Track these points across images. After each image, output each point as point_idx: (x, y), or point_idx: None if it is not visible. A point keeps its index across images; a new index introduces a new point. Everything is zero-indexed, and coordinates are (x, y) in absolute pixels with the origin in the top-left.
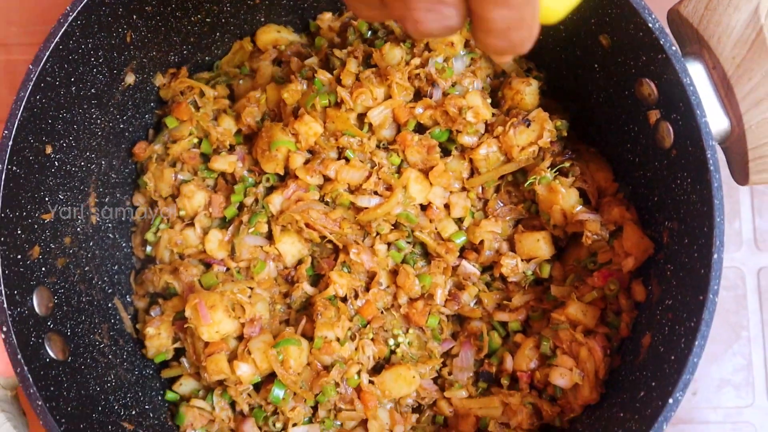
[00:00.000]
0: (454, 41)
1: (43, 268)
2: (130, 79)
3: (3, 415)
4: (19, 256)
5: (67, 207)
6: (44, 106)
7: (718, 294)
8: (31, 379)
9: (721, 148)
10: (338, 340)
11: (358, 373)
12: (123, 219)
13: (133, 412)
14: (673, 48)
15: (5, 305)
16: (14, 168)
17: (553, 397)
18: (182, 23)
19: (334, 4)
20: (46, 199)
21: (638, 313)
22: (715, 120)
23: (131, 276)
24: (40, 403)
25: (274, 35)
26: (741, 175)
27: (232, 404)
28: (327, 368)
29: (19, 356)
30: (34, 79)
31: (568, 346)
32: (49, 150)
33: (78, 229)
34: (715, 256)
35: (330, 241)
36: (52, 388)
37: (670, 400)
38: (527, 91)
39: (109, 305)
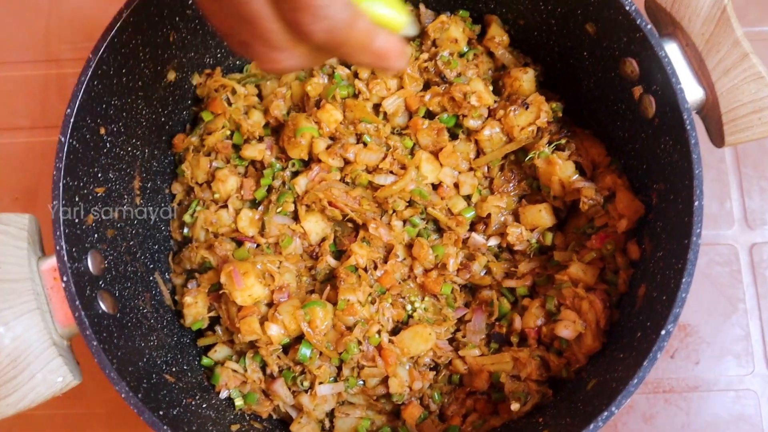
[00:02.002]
0: (458, 38)
1: (96, 235)
2: (171, 76)
3: (60, 359)
4: (77, 220)
5: (116, 185)
6: (100, 92)
7: (700, 237)
8: (87, 323)
9: (699, 116)
10: (360, 303)
11: (379, 332)
12: (162, 205)
13: (174, 369)
14: (649, 27)
15: (66, 258)
16: (74, 142)
17: (559, 350)
18: None
19: None
20: (99, 175)
21: (634, 270)
22: (690, 90)
23: (169, 256)
24: (95, 343)
25: None
26: (718, 138)
27: (263, 368)
28: (350, 329)
29: (77, 302)
30: (93, 66)
31: (571, 301)
32: (102, 131)
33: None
34: (696, 203)
35: (350, 221)
36: (104, 334)
37: (663, 332)
38: (525, 78)
39: (151, 278)
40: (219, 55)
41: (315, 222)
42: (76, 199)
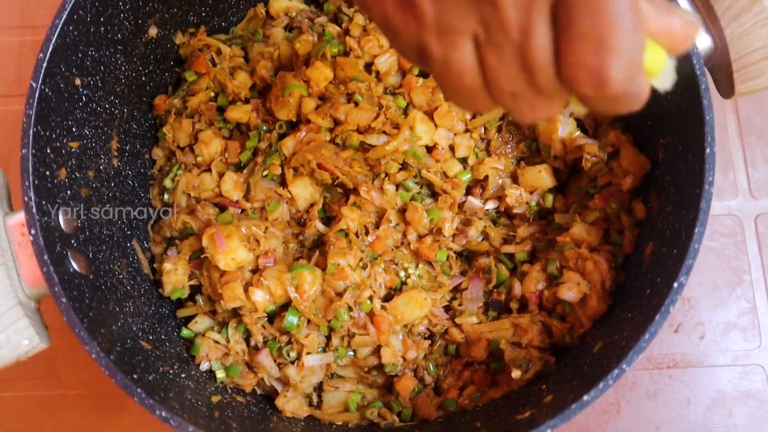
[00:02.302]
0: None
1: (69, 191)
2: (152, 31)
3: (27, 320)
4: (48, 173)
5: (92, 143)
6: (75, 39)
7: (713, 185)
8: (56, 278)
9: (707, 67)
10: (350, 267)
11: (370, 298)
12: (142, 171)
13: (151, 337)
14: None
15: (34, 211)
16: (47, 89)
17: (562, 315)
18: None
19: None
20: (74, 129)
21: (640, 230)
22: (698, 39)
23: (148, 224)
24: (64, 300)
25: (286, 3)
26: (727, 87)
27: (247, 339)
28: (340, 294)
29: (45, 257)
30: (68, 9)
31: (574, 263)
32: (78, 82)
33: (101, 167)
34: (708, 150)
35: (340, 185)
36: (75, 293)
37: (675, 284)
38: None
39: (128, 245)
40: (203, 14)
41: (303, 186)
42: (48, 150)
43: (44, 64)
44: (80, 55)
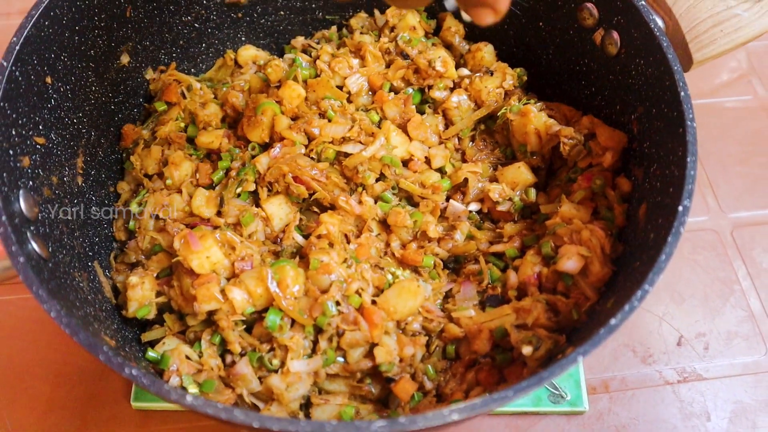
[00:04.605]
0: (415, 26)
1: (31, 182)
2: (125, 59)
3: None
4: (11, 152)
5: (58, 150)
6: (50, 35)
7: (694, 122)
8: (14, 238)
9: None
10: (335, 262)
11: (359, 292)
12: (105, 202)
13: (118, 339)
14: None
15: None
16: (17, 73)
17: (564, 293)
18: (174, 20)
19: (306, 29)
20: (40, 127)
21: (628, 204)
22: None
23: (111, 255)
24: (21, 260)
25: (254, 52)
26: (685, 59)
27: (222, 356)
28: (325, 292)
29: (3, 217)
30: (45, 3)
31: (569, 238)
32: (48, 80)
33: (65, 178)
34: (683, 94)
35: (317, 204)
36: (33, 262)
37: (680, 208)
38: (486, 50)
39: (89, 264)
40: (174, 54)
41: (278, 205)
42: (13, 132)
43: (17, 47)
44: (53, 55)
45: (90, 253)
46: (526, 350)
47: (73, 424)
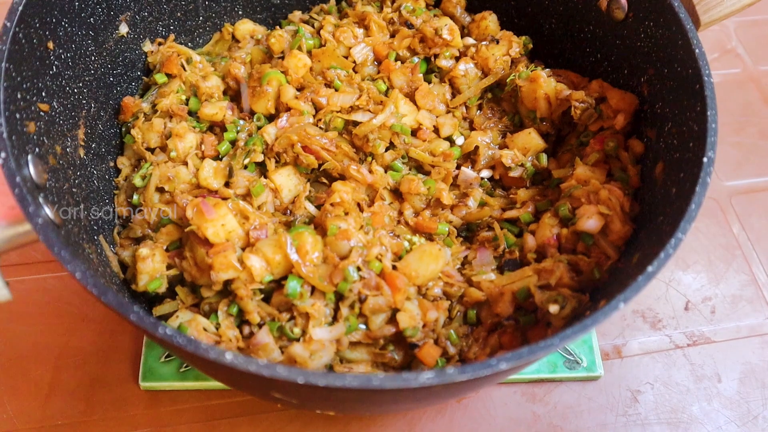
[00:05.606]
0: None
1: (37, 149)
2: (123, 29)
3: None
4: (17, 115)
5: (60, 119)
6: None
7: (711, 77)
8: (30, 199)
9: None
10: (353, 228)
11: (379, 258)
12: (107, 177)
13: None
14: None
15: (5, 135)
16: (20, 35)
17: (585, 253)
18: None
19: (303, 2)
20: (44, 94)
21: (643, 161)
22: None
23: (114, 231)
24: (40, 221)
25: (251, 26)
26: (693, 20)
27: (239, 327)
28: (345, 258)
29: (17, 178)
30: None
31: (586, 198)
32: (50, 45)
33: (68, 149)
34: (697, 51)
35: (326, 174)
36: (49, 226)
37: (705, 159)
38: (490, 18)
39: (95, 237)
40: (171, 27)
41: (287, 176)
42: (18, 95)
43: (20, 8)
44: (54, 20)
45: (95, 227)
46: (554, 309)
47: (77, 408)
